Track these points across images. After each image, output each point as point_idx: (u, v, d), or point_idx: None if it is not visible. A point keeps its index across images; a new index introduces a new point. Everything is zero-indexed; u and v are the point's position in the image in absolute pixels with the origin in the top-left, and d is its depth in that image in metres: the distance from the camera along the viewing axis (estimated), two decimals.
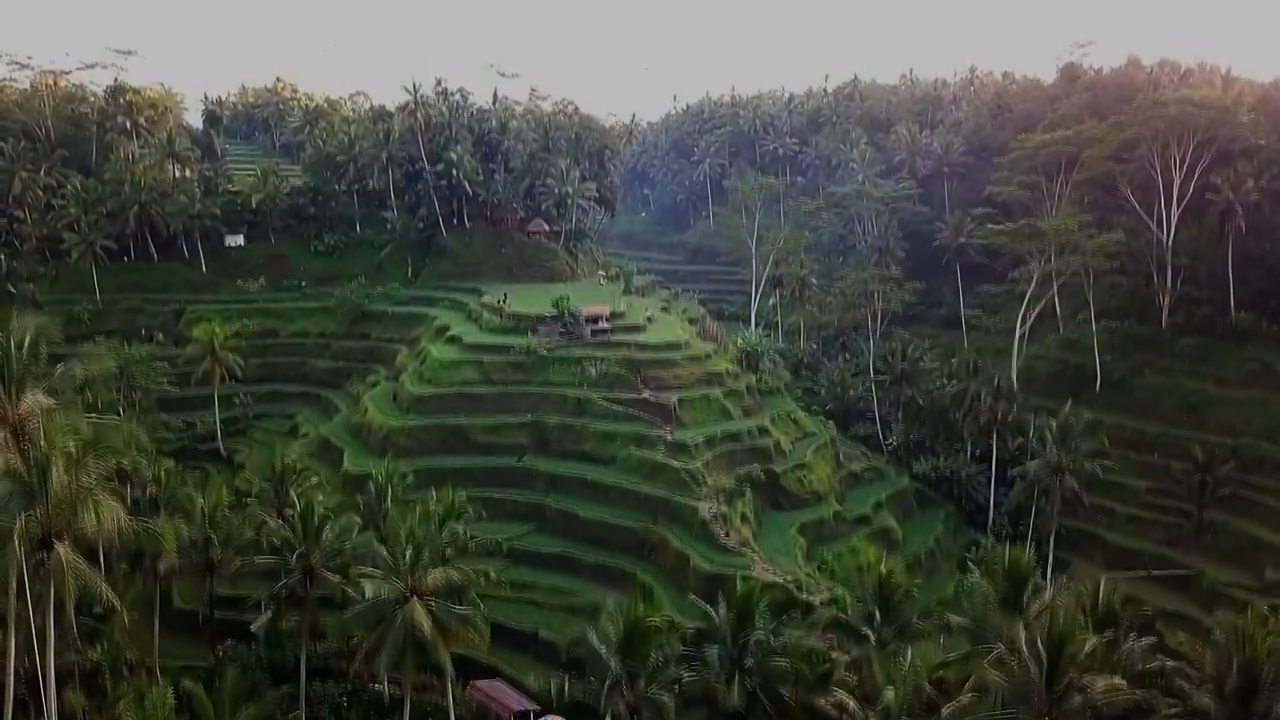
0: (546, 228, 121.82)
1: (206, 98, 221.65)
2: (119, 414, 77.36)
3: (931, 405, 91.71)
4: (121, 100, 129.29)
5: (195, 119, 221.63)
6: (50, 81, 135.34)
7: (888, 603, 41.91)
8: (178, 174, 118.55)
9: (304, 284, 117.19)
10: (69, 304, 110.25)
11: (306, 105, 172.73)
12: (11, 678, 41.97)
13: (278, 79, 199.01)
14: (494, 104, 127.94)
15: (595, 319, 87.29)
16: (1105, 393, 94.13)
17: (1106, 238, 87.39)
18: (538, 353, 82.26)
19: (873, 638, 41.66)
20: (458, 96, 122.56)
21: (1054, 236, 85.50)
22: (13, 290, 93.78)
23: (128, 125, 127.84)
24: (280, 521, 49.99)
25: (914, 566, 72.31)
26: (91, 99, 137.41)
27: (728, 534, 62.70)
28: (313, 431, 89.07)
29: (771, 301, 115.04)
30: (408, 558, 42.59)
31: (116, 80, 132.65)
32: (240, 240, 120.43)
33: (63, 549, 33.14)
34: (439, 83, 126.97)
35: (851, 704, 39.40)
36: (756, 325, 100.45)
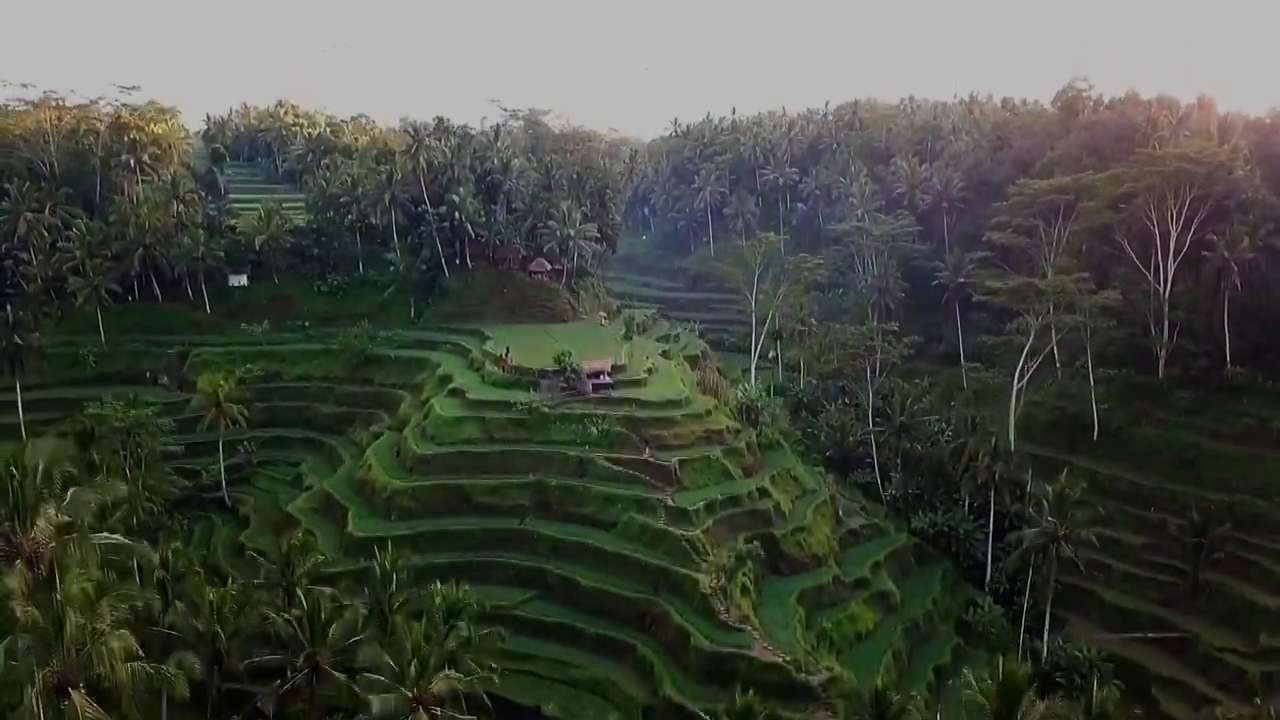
0: (549, 267, 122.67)
1: (209, 119, 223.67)
2: (126, 475, 78.46)
3: (930, 458, 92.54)
4: (125, 138, 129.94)
5: (197, 138, 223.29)
6: (55, 118, 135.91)
7: (883, 717, 42.72)
8: (182, 215, 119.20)
9: (307, 324, 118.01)
10: (74, 346, 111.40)
11: (309, 134, 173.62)
12: None
13: (279, 103, 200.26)
14: (495, 141, 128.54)
15: (597, 374, 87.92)
16: (1103, 442, 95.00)
17: (1104, 295, 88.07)
18: (540, 410, 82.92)
19: None
20: (458, 138, 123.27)
21: (1052, 294, 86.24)
22: (20, 342, 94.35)
23: (131, 163, 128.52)
24: (287, 616, 50.74)
25: (911, 631, 73.15)
26: (97, 124, 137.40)
27: (728, 610, 63.32)
28: (316, 484, 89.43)
29: (771, 354, 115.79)
30: (413, 669, 43.40)
31: (120, 117, 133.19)
32: (244, 280, 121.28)
33: (78, 697, 33.93)
34: (440, 121, 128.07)
35: None
36: (756, 375, 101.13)
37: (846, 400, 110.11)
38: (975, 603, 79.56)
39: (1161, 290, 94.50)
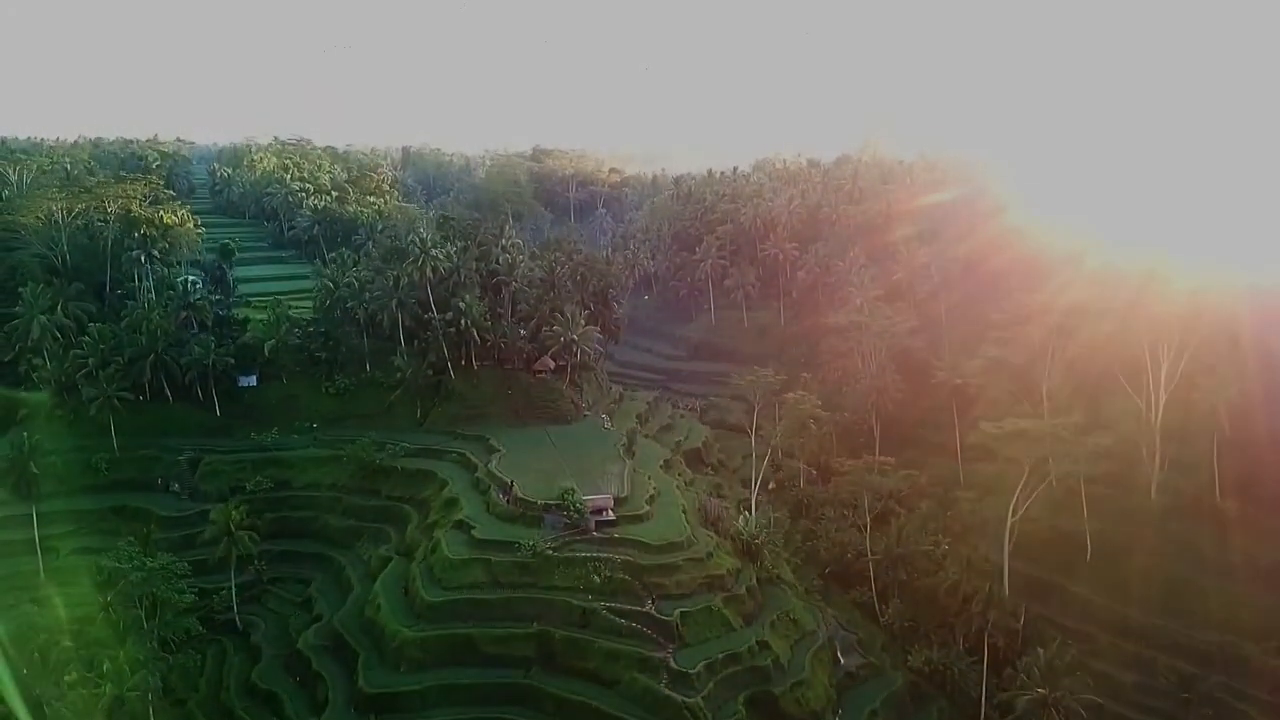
0: (552, 365, 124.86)
1: (214, 174, 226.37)
2: (143, 625, 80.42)
3: (926, 587, 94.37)
4: (136, 233, 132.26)
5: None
6: (66, 209, 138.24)
7: None
8: (192, 319, 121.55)
9: (315, 425, 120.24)
10: (86, 452, 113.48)
11: (315, 205, 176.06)
12: None
13: (283, 165, 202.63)
14: (500, 238, 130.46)
15: (600, 511, 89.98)
16: (1095, 565, 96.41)
17: (1096, 440, 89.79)
18: (543, 553, 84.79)
19: None
20: (464, 239, 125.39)
21: (1045, 439, 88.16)
22: (35, 471, 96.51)
23: (142, 259, 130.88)
24: None
25: None
26: (106, 206, 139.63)
27: None
28: (326, 612, 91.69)
29: (771, 486, 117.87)
30: None
31: (131, 210, 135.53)
32: (253, 381, 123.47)
33: None
34: (445, 219, 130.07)
35: None
36: (756, 510, 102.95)
37: (846, 513, 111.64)
38: None
39: (1154, 418, 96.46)
